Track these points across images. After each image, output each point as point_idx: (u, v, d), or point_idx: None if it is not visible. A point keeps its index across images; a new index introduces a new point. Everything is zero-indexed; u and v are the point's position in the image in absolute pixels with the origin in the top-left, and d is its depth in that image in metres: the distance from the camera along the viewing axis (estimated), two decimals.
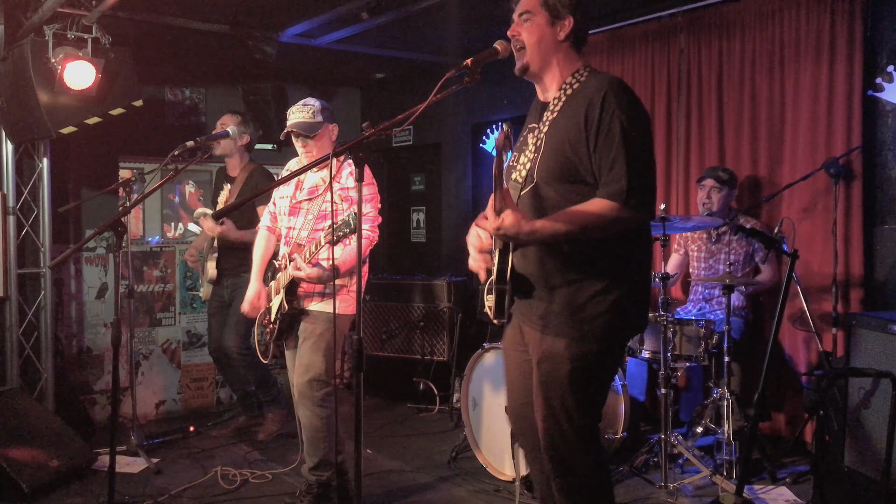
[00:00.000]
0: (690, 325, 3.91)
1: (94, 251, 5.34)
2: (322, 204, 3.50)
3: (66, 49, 4.10)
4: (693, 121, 4.65)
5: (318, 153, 3.54)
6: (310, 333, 3.51)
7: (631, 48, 4.90)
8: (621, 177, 2.17)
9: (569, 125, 2.26)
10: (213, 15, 4.61)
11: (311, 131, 3.51)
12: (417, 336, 5.55)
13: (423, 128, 6.24)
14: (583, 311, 2.26)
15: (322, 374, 3.47)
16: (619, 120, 2.19)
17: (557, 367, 2.29)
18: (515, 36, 2.38)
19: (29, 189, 4.83)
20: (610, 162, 2.19)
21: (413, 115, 2.21)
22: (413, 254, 6.64)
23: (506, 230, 2.14)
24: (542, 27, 2.36)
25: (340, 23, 4.74)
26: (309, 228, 3.50)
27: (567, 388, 2.28)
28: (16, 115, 4.41)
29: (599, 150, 2.21)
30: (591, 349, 2.28)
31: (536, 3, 2.37)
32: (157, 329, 5.64)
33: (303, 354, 3.51)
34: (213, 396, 5.83)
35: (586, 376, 2.30)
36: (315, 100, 3.59)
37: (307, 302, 3.54)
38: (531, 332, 2.38)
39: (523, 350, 2.47)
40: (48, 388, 4.85)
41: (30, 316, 4.84)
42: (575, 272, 2.27)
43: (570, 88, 2.34)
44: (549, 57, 2.37)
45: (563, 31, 2.36)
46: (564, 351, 2.28)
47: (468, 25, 4.81)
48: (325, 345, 3.48)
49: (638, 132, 2.22)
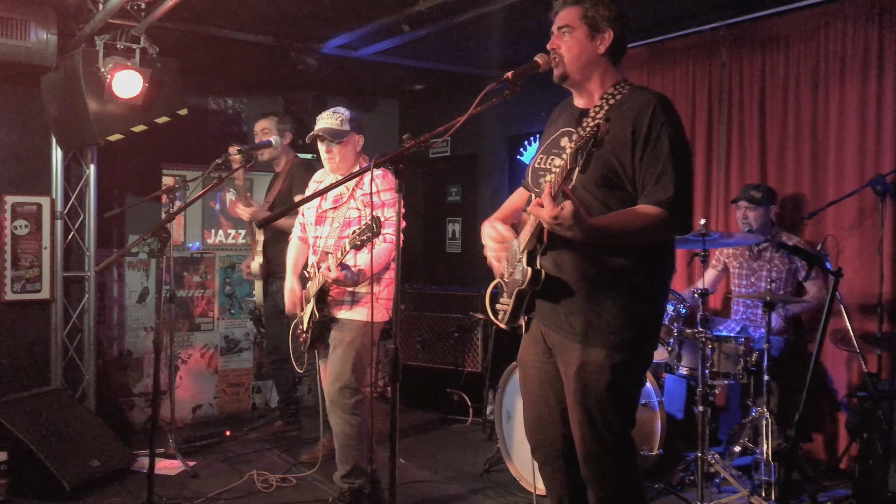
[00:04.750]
0: (729, 342, 3.85)
1: (136, 256, 5.44)
2: (347, 211, 3.55)
3: (115, 59, 4.21)
4: (734, 136, 4.59)
5: (340, 160, 3.62)
6: (339, 341, 3.54)
7: (672, 62, 4.87)
8: (669, 186, 2.22)
9: (614, 132, 2.26)
10: (258, 27, 4.70)
11: (337, 137, 3.59)
12: (451, 347, 5.55)
13: (461, 139, 6.26)
14: (613, 321, 2.29)
15: (352, 381, 3.50)
16: (667, 133, 2.24)
17: (597, 378, 2.30)
18: (555, 49, 2.39)
19: (76, 194, 4.96)
20: (658, 172, 2.23)
21: (453, 127, 2.23)
22: (448, 264, 6.65)
23: (564, 220, 2.09)
24: (582, 41, 2.36)
25: (381, 35, 4.79)
26: (335, 237, 3.55)
27: (606, 398, 2.31)
28: (66, 123, 4.53)
29: (646, 160, 2.24)
30: (628, 359, 2.31)
31: (576, 17, 2.37)
32: (196, 334, 5.73)
33: (333, 362, 3.55)
34: (249, 401, 5.90)
35: (624, 386, 2.34)
36: (345, 109, 3.68)
37: (337, 309, 3.57)
38: (562, 341, 2.37)
39: (545, 360, 2.47)
40: (90, 389, 4.96)
41: (74, 318, 4.96)
42: (602, 281, 2.29)
43: (613, 99, 2.35)
44: (589, 70, 2.39)
45: (604, 44, 2.37)
46: (605, 360, 2.29)
47: (507, 38, 4.83)
48: (354, 352, 3.51)
49: (684, 147, 2.29)
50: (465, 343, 5.51)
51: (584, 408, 2.33)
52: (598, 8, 2.36)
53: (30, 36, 4.18)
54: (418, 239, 6.82)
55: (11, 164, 4.86)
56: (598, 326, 2.30)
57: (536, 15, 4.20)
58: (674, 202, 2.21)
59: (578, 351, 2.32)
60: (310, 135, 3.63)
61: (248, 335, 5.90)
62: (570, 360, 2.35)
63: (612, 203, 2.27)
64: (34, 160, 4.90)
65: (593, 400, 2.32)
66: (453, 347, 5.54)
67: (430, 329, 5.65)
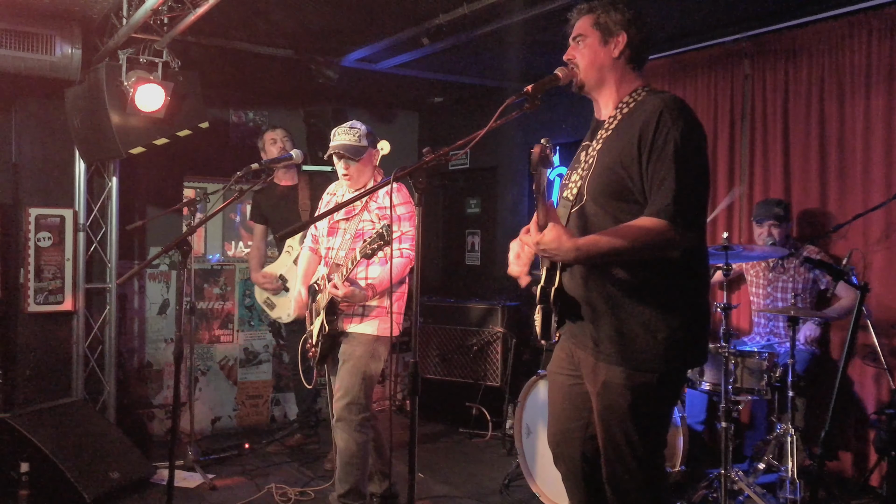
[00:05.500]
0: (753, 356, 3.80)
1: (157, 268, 5.49)
2: (360, 223, 3.50)
3: (137, 73, 4.25)
4: (757, 148, 4.55)
5: (357, 176, 3.58)
6: (349, 355, 3.48)
7: (693, 74, 4.84)
8: (669, 194, 2.12)
9: (623, 143, 2.24)
10: (278, 40, 4.74)
11: (356, 155, 3.54)
12: (470, 360, 5.52)
13: (480, 151, 6.25)
14: (635, 339, 2.21)
15: (360, 397, 3.42)
16: (673, 138, 2.16)
17: (618, 399, 2.25)
18: (571, 59, 2.39)
19: (98, 207, 5.02)
20: (660, 180, 2.15)
21: (473, 140, 2.22)
22: (467, 277, 6.64)
23: (546, 245, 2.11)
24: (595, 47, 2.36)
25: (401, 48, 4.81)
26: (346, 248, 3.49)
27: (629, 420, 2.25)
28: (89, 136, 4.58)
29: (651, 168, 2.17)
30: (649, 380, 2.23)
31: (588, 25, 2.38)
32: (216, 346, 5.76)
33: (341, 377, 3.48)
34: (268, 414, 5.90)
35: (647, 408, 2.26)
36: (361, 124, 3.63)
37: (346, 323, 3.52)
38: (586, 358, 2.35)
39: (571, 374, 2.45)
40: (110, 400, 4.99)
41: (95, 330, 5.01)
42: (622, 297, 2.22)
43: (627, 107, 2.33)
44: (604, 75, 2.36)
45: (617, 48, 2.35)
46: (624, 381, 2.23)
47: (527, 51, 4.82)
48: (363, 367, 3.44)
49: (691, 151, 2.17)
50: (484, 356, 5.48)
51: (607, 428, 2.29)
52: (609, 13, 2.35)
53: (55, 50, 4.24)
54: (438, 251, 6.82)
55: (35, 176, 4.92)
56: (619, 345, 2.24)
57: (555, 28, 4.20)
58: (672, 210, 2.09)
59: (600, 370, 2.28)
60: (328, 153, 3.60)
61: (267, 347, 5.93)
62: (594, 378, 2.32)
63: (623, 216, 2.21)
64: (57, 173, 4.96)
65: (616, 421, 2.27)
66: (472, 361, 5.51)
67: (449, 342, 5.63)
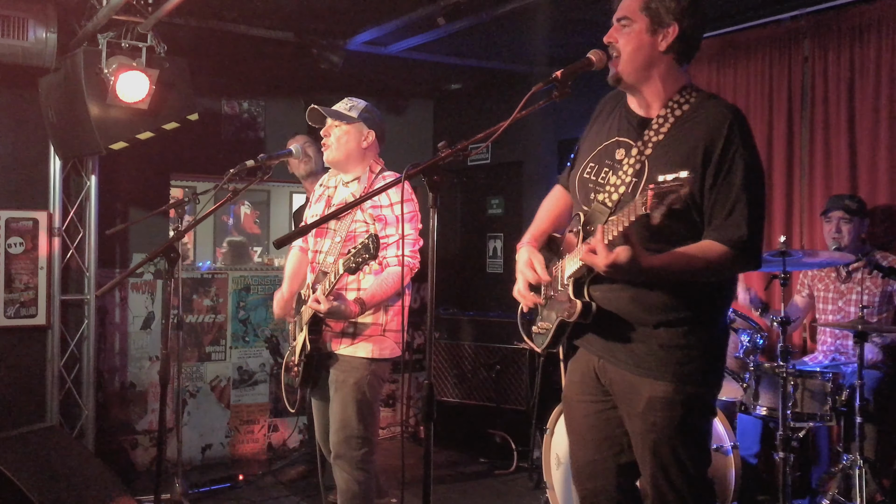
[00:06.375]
0: (815, 378, 3.80)
1: (140, 277, 5.55)
2: (351, 224, 3.36)
3: (119, 59, 4.32)
4: (818, 140, 4.55)
5: (337, 149, 3.45)
6: (341, 383, 3.36)
7: (745, 56, 4.84)
8: (741, 224, 2.24)
9: (684, 154, 2.27)
10: (276, 21, 4.79)
11: (335, 118, 3.44)
12: (492, 381, 5.54)
13: (503, 145, 6.28)
14: (680, 352, 2.33)
15: (360, 430, 3.33)
16: (742, 159, 2.26)
17: (666, 416, 2.32)
18: (612, 43, 2.38)
19: (76, 209, 5.09)
20: (730, 205, 2.25)
21: (495, 132, 2.25)
22: (488, 286, 6.64)
23: (620, 267, 2.13)
24: (641, 35, 2.34)
25: (414, 29, 4.84)
26: (336, 253, 3.33)
27: (679, 436, 2.34)
28: (65, 130, 4.66)
29: (717, 189, 2.26)
30: (699, 391, 2.35)
31: (636, 8, 2.35)
32: (206, 364, 5.81)
33: (335, 409, 3.37)
34: (265, 441, 5.95)
35: (697, 421, 2.38)
36: (363, 101, 3.54)
37: (336, 344, 3.37)
38: (623, 377, 2.39)
39: (597, 399, 2.49)
40: (89, 425, 5.06)
41: (72, 347, 5.07)
42: (673, 307, 2.32)
43: (680, 109, 2.35)
44: (648, 70, 2.37)
45: (666, 40, 2.34)
46: (674, 394, 2.31)
47: (556, 31, 4.84)
48: (360, 396, 3.33)
49: (758, 175, 2.31)
50: (508, 376, 5.50)
51: (654, 450, 2.35)
52: None
53: (28, 35, 4.31)
54: (455, 257, 6.84)
55: (5, 175, 4.99)
56: (661, 357, 2.33)
57: (588, 4, 4.25)
58: (745, 244, 2.25)
59: (644, 385, 2.34)
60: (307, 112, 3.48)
61: (263, 366, 5.97)
62: (634, 396, 2.36)
63: (676, 235, 2.28)
64: (30, 171, 5.03)
65: (664, 440, 2.33)
66: (495, 381, 5.53)
67: (469, 360, 5.66)
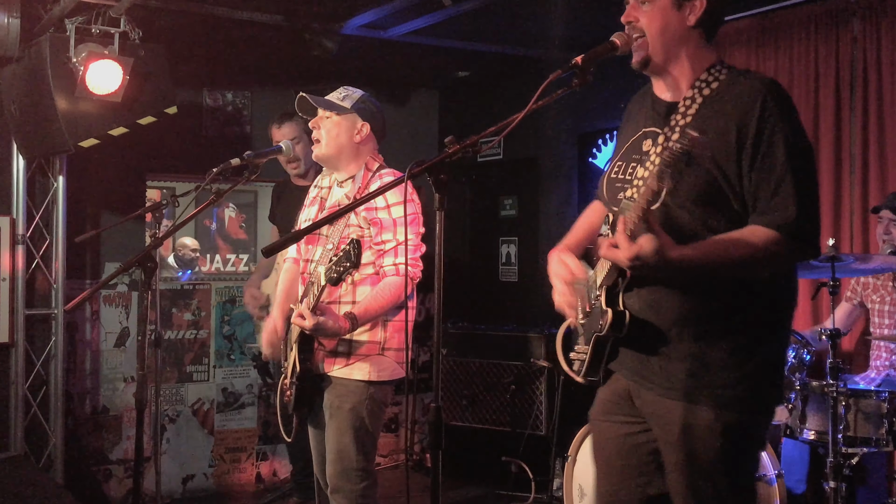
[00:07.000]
0: (869, 397, 3.79)
1: (114, 289, 5.54)
2: (344, 229, 3.34)
3: (89, 46, 4.31)
4: (871, 131, 4.53)
5: (327, 144, 3.42)
6: (336, 409, 3.33)
7: (787, 38, 4.82)
8: (789, 203, 2.19)
9: (714, 136, 2.25)
10: (264, 3, 4.78)
11: (325, 108, 3.41)
12: (507, 402, 5.52)
13: (517, 139, 6.25)
14: (728, 369, 2.28)
15: (359, 461, 3.31)
16: (783, 133, 2.22)
17: (704, 445, 2.30)
18: (632, 22, 2.39)
19: (41, 213, 5.07)
20: (773, 185, 2.21)
21: (508, 126, 2.23)
22: (501, 297, 6.64)
23: (645, 259, 2.10)
24: (667, 10, 2.36)
25: (417, 10, 4.84)
26: (326, 262, 3.26)
27: (718, 468, 2.31)
28: (29, 126, 4.65)
29: (758, 171, 2.22)
30: (743, 418, 2.31)
31: None
32: (187, 385, 5.79)
33: (330, 438, 3.36)
34: (253, 471, 5.93)
35: (740, 453, 2.34)
36: (360, 91, 3.50)
37: (328, 364, 3.34)
38: (657, 401, 2.37)
39: (626, 420, 2.49)
40: (57, 455, 5.04)
41: (38, 367, 5.05)
42: (718, 321, 2.30)
43: (708, 88, 2.35)
44: (676, 48, 2.38)
45: (694, 14, 2.36)
46: (714, 422, 2.29)
47: (574, 12, 4.82)
48: (357, 423, 3.31)
49: (804, 149, 2.26)
50: (524, 398, 5.47)
51: (691, 483, 2.32)
52: None
53: None
54: (464, 265, 6.82)
55: None
56: (703, 379, 2.29)
57: None
58: (797, 224, 2.19)
59: (679, 411, 2.31)
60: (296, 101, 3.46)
61: (251, 387, 5.95)
62: (669, 423, 2.34)
63: (715, 224, 2.26)
64: None
65: (703, 473, 2.31)
66: (510, 403, 5.50)
67: (481, 380, 5.63)
